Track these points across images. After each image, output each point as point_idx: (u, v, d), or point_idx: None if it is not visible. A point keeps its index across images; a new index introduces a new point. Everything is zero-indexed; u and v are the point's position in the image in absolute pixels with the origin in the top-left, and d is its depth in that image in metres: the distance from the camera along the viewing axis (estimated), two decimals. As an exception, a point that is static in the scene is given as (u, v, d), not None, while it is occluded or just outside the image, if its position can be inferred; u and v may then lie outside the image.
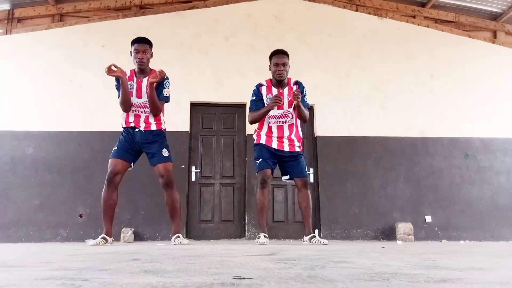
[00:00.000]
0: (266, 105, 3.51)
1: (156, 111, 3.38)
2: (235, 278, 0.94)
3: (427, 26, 6.11)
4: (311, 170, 5.37)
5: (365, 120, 5.59)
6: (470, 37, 6.14)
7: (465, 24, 6.25)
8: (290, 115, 3.55)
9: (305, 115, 3.52)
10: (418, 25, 6.11)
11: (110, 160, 3.38)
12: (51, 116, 5.24)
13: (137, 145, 3.41)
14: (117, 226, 4.77)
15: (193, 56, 5.62)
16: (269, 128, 3.55)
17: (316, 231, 3.52)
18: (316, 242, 3.33)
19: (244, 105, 5.56)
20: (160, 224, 4.95)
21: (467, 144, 5.62)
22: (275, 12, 5.97)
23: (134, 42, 3.38)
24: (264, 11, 5.91)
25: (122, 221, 4.79)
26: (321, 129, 5.53)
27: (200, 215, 5.24)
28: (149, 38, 3.44)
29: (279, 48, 3.59)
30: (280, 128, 3.54)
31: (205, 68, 5.57)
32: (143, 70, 3.40)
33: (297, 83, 3.58)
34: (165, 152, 3.40)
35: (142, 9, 5.86)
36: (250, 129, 5.40)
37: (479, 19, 6.24)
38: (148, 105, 3.37)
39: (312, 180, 5.36)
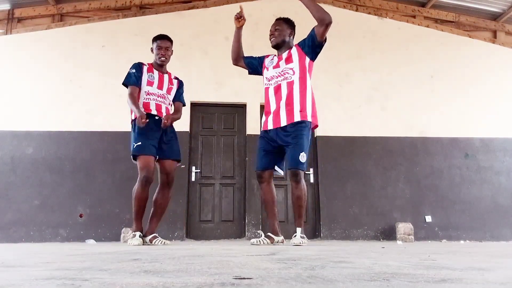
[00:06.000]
0: (264, 66, 3.37)
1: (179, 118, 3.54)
2: (235, 278, 0.94)
3: (427, 26, 6.11)
4: (311, 170, 5.37)
5: (365, 120, 5.58)
6: (470, 37, 6.14)
7: (465, 24, 6.24)
8: (290, 72, 3.14)
9: (316, 8, 3.00)
10: (418, 25, 6.10)
11: (142, 158, 3.17)
12: (51, 116, 5.24)
13: (159, 132, 3.28)
14: (117, 226, 4.77)
15: (193, 56, 5.62)
16: (266, 92, 3.22)
17: (298, 230, 3.02)
18: (292, 243, 2.94)
19: (244, 105, 5.56)
20: (160, 224, 4.91)
21: (467, 144, 5.61)
22: (275, 12, 5.90)
23: (157, 39, 3.44)
24: (264, 11, 5.90)
25: (122, 221, 4.79)
26: (321, 129, 5.51)
27: (200, 215, 5.24)
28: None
29: None
30: (277, 90, 3.14)
31: (205, 68, 5.56)
32: (162, 66, 3.48)
33: (298, 44, 3.29)
34: (180, 151, 3.48)
35: (142, 9, 5.86)
36: (250, 129, 5.42)
37: (479, 19, 6.23)
38: (167, 97, 3.46)
39: (312, 180, 5.36)
